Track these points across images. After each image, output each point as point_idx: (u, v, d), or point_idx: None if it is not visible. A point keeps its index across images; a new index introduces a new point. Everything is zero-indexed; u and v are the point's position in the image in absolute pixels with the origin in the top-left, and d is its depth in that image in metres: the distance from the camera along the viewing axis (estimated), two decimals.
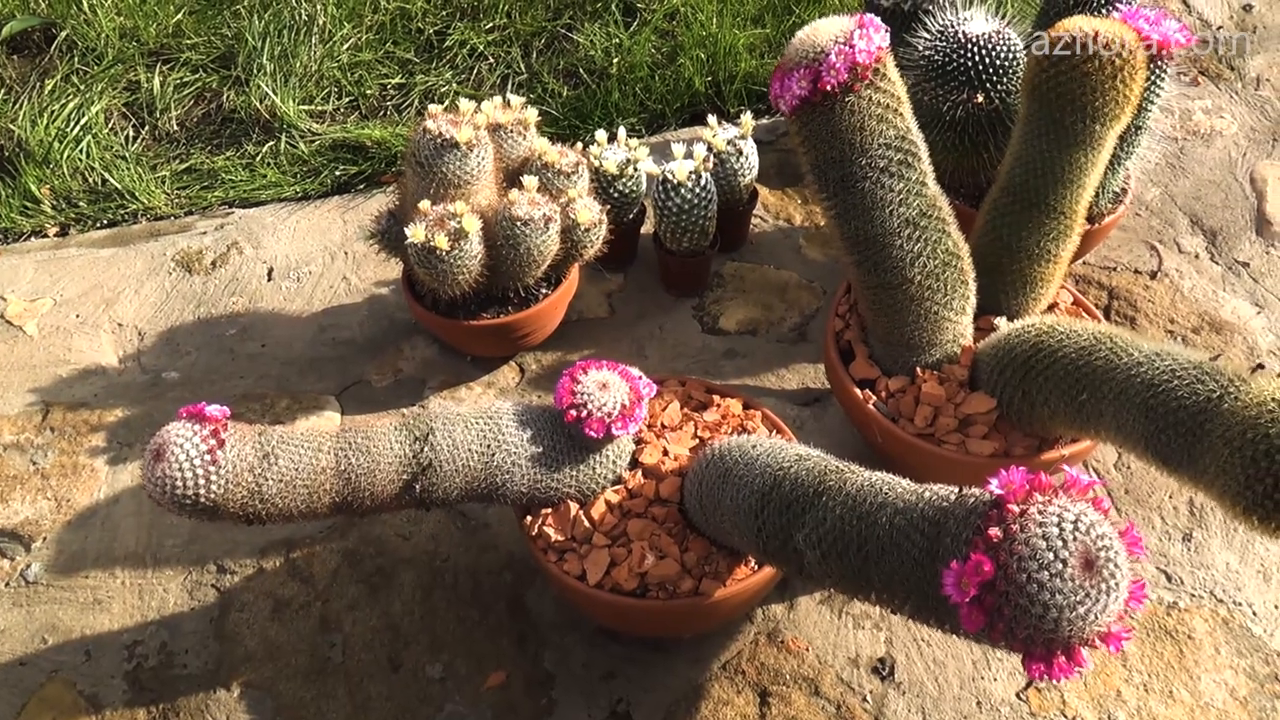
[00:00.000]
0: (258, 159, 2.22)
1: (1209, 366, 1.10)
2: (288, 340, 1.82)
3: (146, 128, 2.31)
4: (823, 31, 1.21)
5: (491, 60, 2.44)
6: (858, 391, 1.41)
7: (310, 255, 1.98)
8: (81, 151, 2.19)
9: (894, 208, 1.28)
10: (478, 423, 1.21)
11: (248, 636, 1.40)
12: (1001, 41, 1.61)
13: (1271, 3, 2.52)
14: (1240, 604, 1.44)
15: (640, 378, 1.28)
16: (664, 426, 1.36)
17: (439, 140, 1.50)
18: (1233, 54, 2.37)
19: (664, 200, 1.73)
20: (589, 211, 1.58)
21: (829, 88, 1.19)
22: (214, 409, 1.10)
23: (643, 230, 1.94)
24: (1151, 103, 1.55)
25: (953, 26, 1.64)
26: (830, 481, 0.99)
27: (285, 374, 1.76)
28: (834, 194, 1.29)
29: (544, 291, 1.67)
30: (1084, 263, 1.93)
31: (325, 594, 1.44)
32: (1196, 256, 1.95)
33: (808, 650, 1.38)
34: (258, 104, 2.29)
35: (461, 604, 1.43)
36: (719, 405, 1.38)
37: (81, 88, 2.33)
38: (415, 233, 1.47)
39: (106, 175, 2.15)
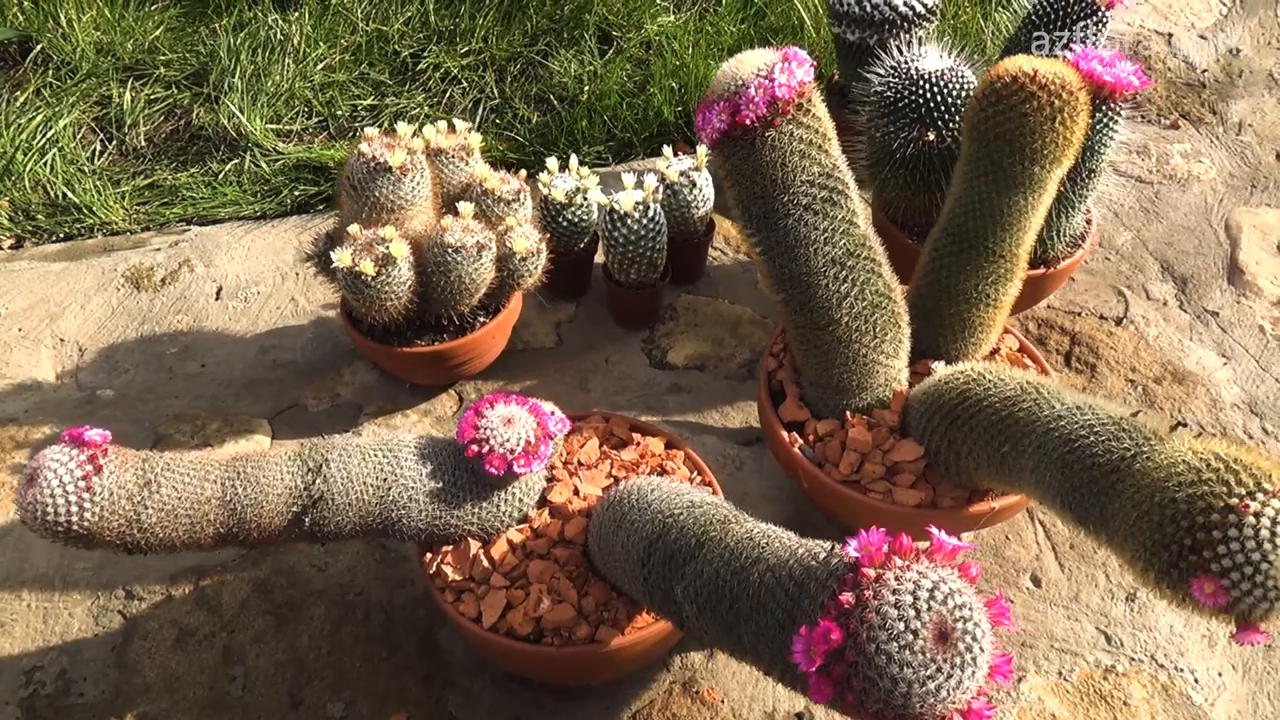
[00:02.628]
0: (219, 177, 2.20)
1: (1128, 423, 1.05)
2: (228, 361, 1.80)
3: (114, 143, 2.31)
4: (746, 64, 1.18)
5: (465, 84, 2.43)
6: (785, 434, 1.37)
7: (261, 275, 1.96)
8: (45, 165, 2.19)
9: (818, 246, 1.24)
10: (375, 455, 1.18)
11: (148, 666, 1.36)
12: (955, 79, 1.57)
13: (1259, 47, 2.48)
14: (1182, 670, 1.38)
15: (552, 414, 1.24)
16: (580, 464, 1.31)
17: (372, 164, 1.48)
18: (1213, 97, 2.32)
19: (610, 230, 1.70)
20: (526, 240, 1.55)
21: (748, 121, 1.16)
22: (95, 433, 1.07)
23: (597, 260, 1.91)
24: (1104, 145, 1.51)
25: (906, 63, 1.60)
26: (713, 532, 0.94)
27: (221, 395, 1.73)
28: (758, 230, 1.25)
29: (481, 320, 1.63)
30: (1048, 306, 1.88)
31: (231, 624, 1.40)
32: (1165, 304, 1.89)
33: (723, 703, 1.33)
34: (225, 122, 2.28)
35: (371, 640, 1.39)
36: (638, 444, 1.34)
37: (52, 101, 2.33)
38: (341, 257, 1.44)
39: (67, 190, 2.14)
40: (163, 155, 2.29)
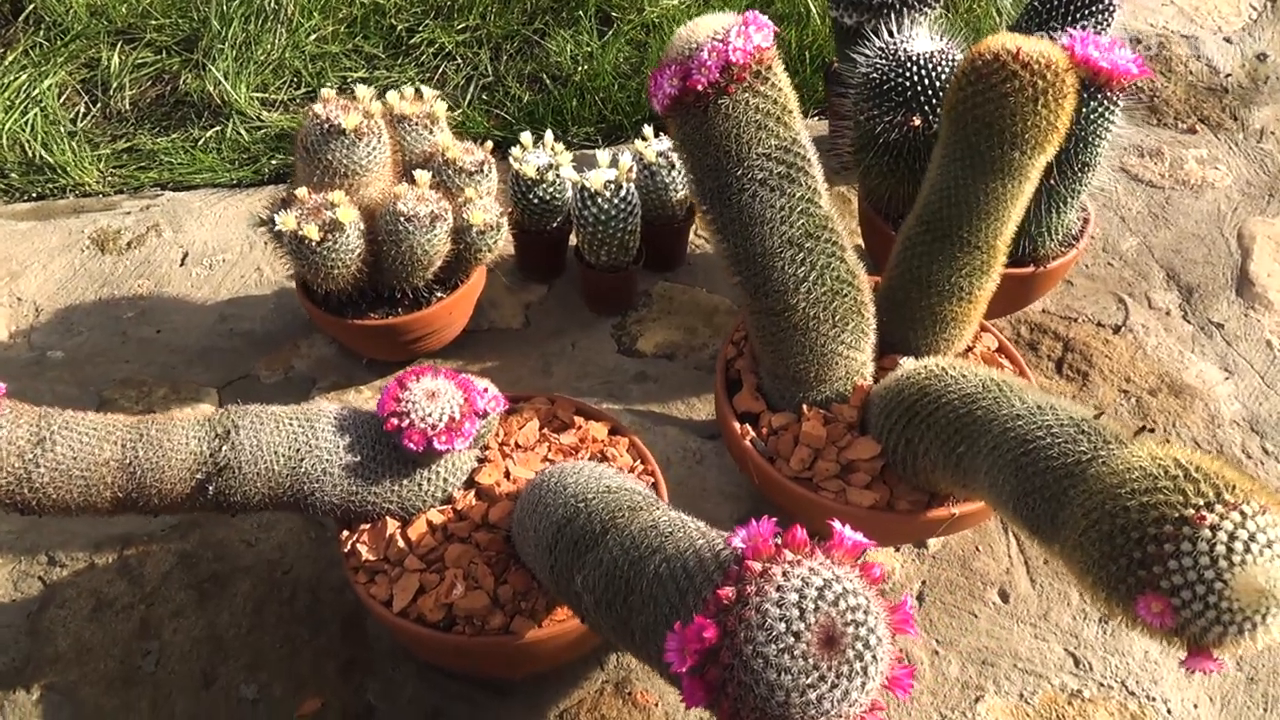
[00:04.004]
0: (199, 143, 2.16)
1: (1089, 425, 0.96)
2: (185, 327, 1.75)
3: (98, 105, 2.27)
4: (702, 27, 1.10)
5: (459, 61, 2.37)
6: (737, 425, 1.29)
7: (229, 243, 1.90)
8: (25, 124, 2.15)
9: (774, 225, 1.16)
10: (290, 424, 1.11)
11: (61, 636, 1.31)
12: (944, 62, 1.48)
13: None
14: (1154, 699, 1.29)
15: (485, 391, 1.17)
16: (517, 446, 1.24)
17: (325, 126, 1.41)
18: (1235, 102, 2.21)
19: (580, 209, 1.63)
20: (484, 213, 1.48)
21: (700, 87, 1.08)
22: None
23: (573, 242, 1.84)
24: (1099, 137, 1.41)
25: (895, 44, 1.52)
26: (620, 519, 0.87)
27: (172, 362, 1.68)
28: (711, 205, 1.17)
29: (438, 295, 1.57)
30: (1043, 310, 1.79)
31: (152, 597, 1.34)
32: (1167, 313, 1.79)
33: (656, 706, 1.25)
34: (211, 89, 2.24)
35: (294, 621, 1.32)
36: (580, 428, 1.27)
37: (39, 60, 2.29)
38: (285, 220, 1.38)
39: (43, 150, 2.10)
40: (146, 120, 2.25)
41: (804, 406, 1.27)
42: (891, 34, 1.54)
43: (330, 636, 1.31)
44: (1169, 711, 1.28)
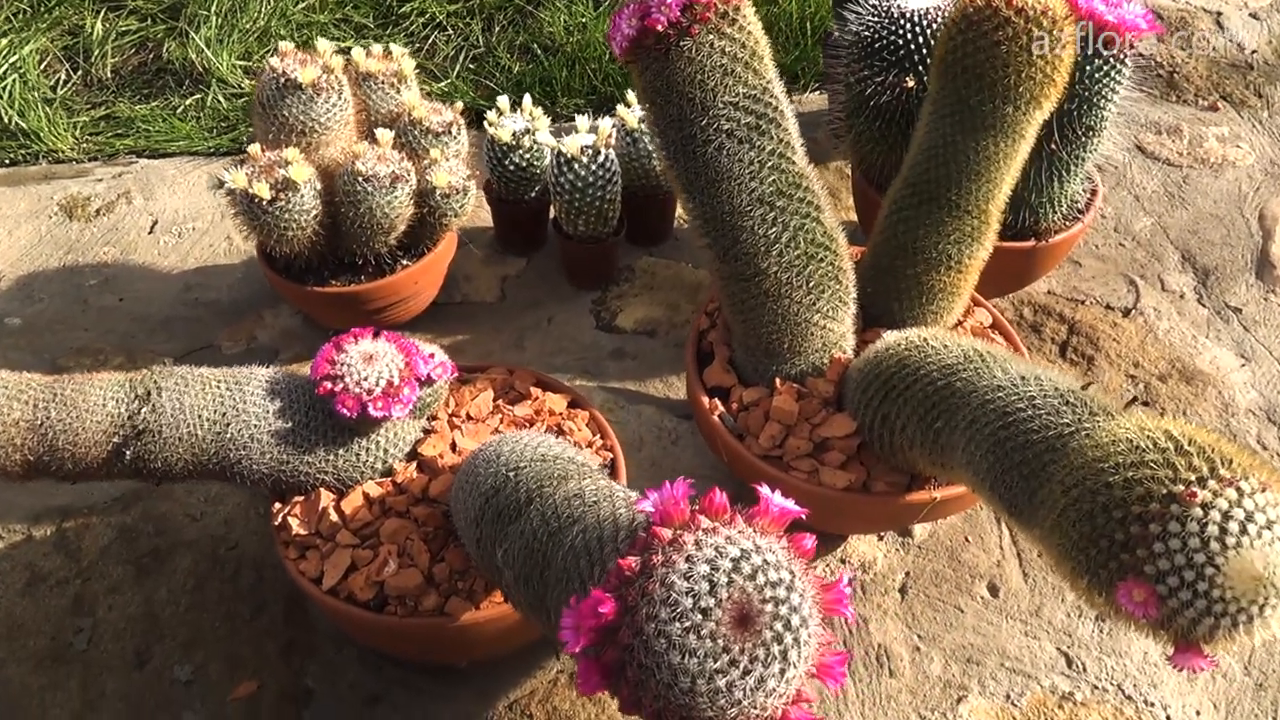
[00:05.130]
0: (178, 111, 2.09)
1: (1075, 396, 0.87)
2: (148, 296, 1.68)
3: (79, 72, 2.21)
4: None
5: (450, 31, 2.30)
6: (705, 400, 1.20)
7: (200, 211, 1.84)
8: (3, 91, 2.10)
9: (743, 181, 1.07)
10: (217, 386, 1.04)
11: None
12: (940, 19, 1.39)
13: None
14: (1153, 704, 1.19)
15: (431, 357, 1.09)
16: (468, 417, 1.17)
17: (281, 80, 1.34)
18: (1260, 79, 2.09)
19: (557, 176, 1.55)
20: (449, 175, 1.40)
21: (659, 27, 1.00)
22: None
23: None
24: (1105, 99, 1.31)
25: (888, 1, 1.42)
26: (547, 489, 0.79)
27: (133, 331, 1.62)
28: (676, 160, 1.09)
29: (404, 262, 1.49)
30: (1048, 291, 1.69)
31: (88, 571, 1.28)
32: (1181, 296, 1.69)
33: (612, 699, 1.16)
34: (193, 56, 2.18)
35: (236, 599, 1.25)
36: (536, 399, 1.18)
37: (20, 26, 2.24)
38: (235, 178, 1.31)
39: (19, 116, 2.05)
40: (126, 88, 2.19)
41: (776, 380, 1.18)
42: None
43: (273, 616, 1.24)
44: (1168, 718, 1.18)
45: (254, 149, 1.34)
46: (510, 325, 1.63)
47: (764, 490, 0.60)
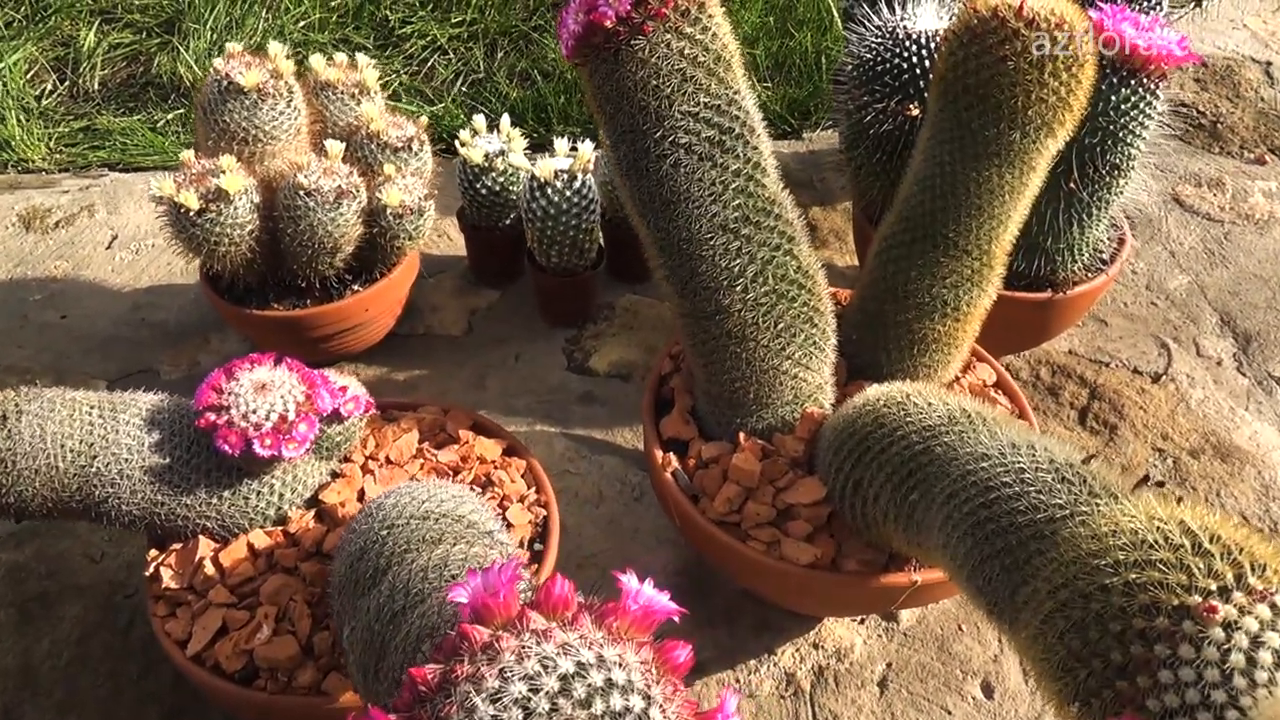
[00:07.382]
0: (159, 125, 2.01)
1: (1073, 471, 0.71)
2: (94, 314, 1.57)
3: (66, 83, 2.14)
4: None
5: (450, 55, 2.20)
6: (659, 454, 1.05)
7: (163, 227, 1.73)
8: None
9: (704, 204, 0.93)
10: (89, 413, 0.91)
11: None
12: None
13: None
14: None
15: (345, 390, 0.96)
16: (387, 460, 1.03)
17: (223, 83, 1.23)
18: None
19: (529, 202, 1.42)
20: (402, 193, 1.28)
21: (607, 23, 0.87)
22: None
23: None
24: (1135, 134, 1.16)
25: (893, 22, 1.29)
26: (410, 554, 0.64)
27: (69, 350, 1.50)
28: (628, 177, 0.95)
29: (354, 288, 1.37)
30: (1069, 351, 1.52)
31: None
32: (1219, 363, 1.51)
33: None
34: (182, 70, 2.10)
35: (124, 656, 1.11)
36: (466, 444, 1.04)
37: (10, 36, 2.18)
38: (162, 185, 1.20)
39: None
40: (111, 100, 2.11)
41: (740, 435, 1.03)
42: (894, 11, 1.32)
43: (160, 679, 1.09)
44: None
45: (186, 155, 1.23)
46: (473, 361, 1.50)
47: (625, 579, 0.45)
